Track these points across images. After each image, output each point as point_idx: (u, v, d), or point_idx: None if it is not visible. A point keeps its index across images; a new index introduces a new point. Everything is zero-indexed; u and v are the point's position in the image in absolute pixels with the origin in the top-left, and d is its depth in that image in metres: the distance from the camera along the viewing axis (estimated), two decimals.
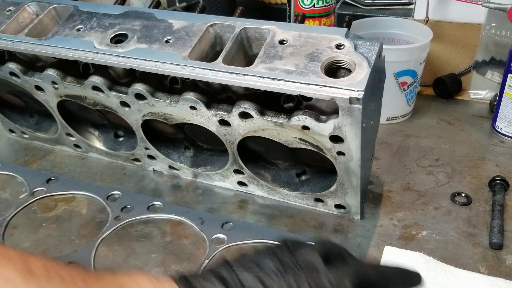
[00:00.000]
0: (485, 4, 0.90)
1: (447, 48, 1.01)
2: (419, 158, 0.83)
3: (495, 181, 0.73)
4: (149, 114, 0.70)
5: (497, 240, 0.63)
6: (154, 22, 0.65)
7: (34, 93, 0.77)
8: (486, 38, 0.96)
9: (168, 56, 0.60)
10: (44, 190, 0.77)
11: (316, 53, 0.55)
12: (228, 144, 0.68)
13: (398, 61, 0.86)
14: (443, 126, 0.92)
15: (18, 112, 0.90)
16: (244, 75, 0.56)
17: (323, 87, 0.52)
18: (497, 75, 0.97)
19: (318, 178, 0.71)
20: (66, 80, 0.71)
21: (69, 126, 0.81)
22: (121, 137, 0.85)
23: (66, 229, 0.70)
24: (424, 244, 0.64)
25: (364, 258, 0.63)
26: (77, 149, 0.87)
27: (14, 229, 0.70)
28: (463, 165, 0.80)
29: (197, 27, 0.63)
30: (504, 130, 0.87)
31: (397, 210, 0.71)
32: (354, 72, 0.52)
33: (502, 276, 0.59)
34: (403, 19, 0.98)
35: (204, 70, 0.58)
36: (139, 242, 0.67)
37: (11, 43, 0.69)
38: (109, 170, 0.82)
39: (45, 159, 0.87)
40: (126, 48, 0.63)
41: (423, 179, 0.77)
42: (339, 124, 0.55)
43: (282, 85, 0.54)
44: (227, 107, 0.63)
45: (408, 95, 0.91)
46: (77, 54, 0.65)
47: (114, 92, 0.68)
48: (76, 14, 0.70)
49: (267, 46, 0.58)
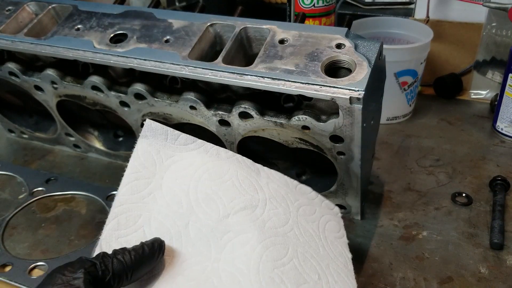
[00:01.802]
0: (485, 3, 0.90)
1: (448, 48, 1.01)
2: (420, 158, 0.82)
3: (496, 181, 0.73)
4: (148, 114, 0.69)
5: (498, 240, 0.63)
6: (153, 22, 0.65)
7: (34, 93, 0.77)
8: (487, 38, 0.96)
9: (168, 56, 0.60)
10: (44, 190, 0.77)
11: (316, 52, 0.55)
12: (228, 144, 0.67)
13: (399, 61, 0.85)
14: (444, 126, 0.92)
15: (17, 112, 0.90)
16: (244, 75, 0.56)
17: (323, 87, 0.52)
18: (497, 75, 0.97)
19: (318, 178, 0.71)
20: (65, 80, 0.71)
21: (68, 126, 0.81)
22: (121, 137, 0.84)
23: (65, 229, 0.70)
24: (424, 244, 0.64)
25: (364, 259, 0.63)
26: (77, 149, 0.86)
27: (14, 229, 0.70)
28: (463, 165, 0.80)
29: (197, 26, 0.63)
30: (505, 130, 0.87)
31: (397, 210, 0.71)
32: (355, 72, 0.52)
33: (503, 277, 0.59)
34: (403, 18, 0.98)
35: (204, 69, 0.58)
36: None
37: (10, 43, 0.68)
38: (109, 170, 0.82)
39: (44, 159, 0.87)
40: (125, 47, 0.63)
41: (423, 179, 0.77)
42: (339, 124, 0.55)
43: (282, 85, 0.54)
44: (227, 107, 0.62)
45: (409, 95, 0.91)
46: (77, 53, 0.64)
47: (114, 92, 0.68)
48: (76, 13, 0.69)
49: (267, 45, 0.58)
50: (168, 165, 0.55)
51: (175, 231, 0.50)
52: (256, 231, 0.50)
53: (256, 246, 0.49)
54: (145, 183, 0.53)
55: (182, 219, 0.51)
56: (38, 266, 0.63)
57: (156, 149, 0.55)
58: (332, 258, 0.52)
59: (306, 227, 0.54)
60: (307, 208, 0.56)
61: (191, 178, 0.54)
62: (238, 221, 0.51)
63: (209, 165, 0.55)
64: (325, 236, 0.54)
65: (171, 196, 0.53)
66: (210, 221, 0.51)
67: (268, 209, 0.53)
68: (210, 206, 0.52)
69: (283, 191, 0.56)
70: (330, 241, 0.54)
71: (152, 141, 0.56)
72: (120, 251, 0.45)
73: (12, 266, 0.63)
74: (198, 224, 0.51)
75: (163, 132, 0.56)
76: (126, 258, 0.44)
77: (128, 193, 0.52)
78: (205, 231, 0.51)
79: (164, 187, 0.53)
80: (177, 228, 0.51)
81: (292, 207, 0.55)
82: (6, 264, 0.63)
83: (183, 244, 0.50)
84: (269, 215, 0.53)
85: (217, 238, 0.50)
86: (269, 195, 0.54)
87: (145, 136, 0.56)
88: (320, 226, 0.55)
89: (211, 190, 0.53)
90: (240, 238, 0.50)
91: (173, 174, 0.54)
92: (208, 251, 0.49)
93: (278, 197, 0.55)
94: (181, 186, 0.53)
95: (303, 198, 0.57)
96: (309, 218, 0.55)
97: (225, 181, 0.54)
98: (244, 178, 0.55)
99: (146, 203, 0.52)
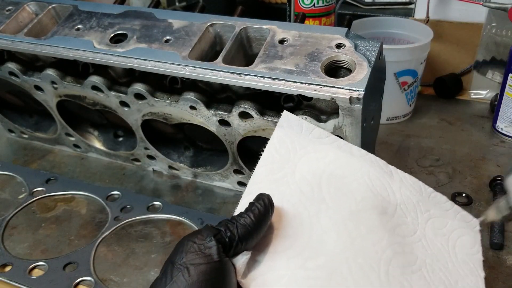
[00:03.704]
0: (485, 3, 0.90)
1: (448, 48, 1.01)
2: (420, 158, 0.82)
3: (496, 181, 0.73)
4: (148, 114, 0.69)
5: (498, 240, 0.63)
6: (153, 22, 0.65)
7: (34, 93, 0.77)
8: (487, 38, 0.96)
9: (168, 56, 0.60)
10: (44, 190, 0.77)
11: (316, 52, 0.55)
12: (228, 144, 0.67)
13: (399, 61, 0.85)
14: (444, 126, 0.92)
15: (18, 112, 0.90)
16: (244, 75, 0.56)
17: (323, 87, 0.52)
18: (497, 75, 0.97)
19: None
20: (65, 80, 0.71)
21: (68, 126, 0.81)
22: (121, 137, 0.84)
23: (65, 229, 0.70)
24: None
25: None
26: (77, 149, 0.86)
27: (14, 229, 0.70)
28: (463, 165, 0.80)
29: (197, 26, 0.63)
30: (505, 130, 0.87)
31: None
32: (355, 72, 0.52)
33: (503, 277, 0.59)
34: (403, 18, 0.98)
35: (204, 70, 0.58)
36: (139, 242, 0.66)
37: (10, 43, 0.68)
38: (109, 170, 0.82)
39: (44, 159, 0.87)
40: (125, 47, 0.63)
41: (423, 179, 0.76)
42: (340, 124, 0.55)
43: (282, 85, 0.54)
44: (227, 107, 0.62)
45: (409, 95, 0.91)
46: (77, 53, 0.64)
47: (114, 92, 0.68)
48: (76, 13, 0.69)
49: (267, 45, 0.58)
50: (302, 155, 0.54)
51: (306, 215, 0.50)
52: (386, 234, 0.49)
53: (386, 248, 0.48)
54: (279, 167, 0.53)
55: (313, 206, 0.50)
56: (38, 266, 0.63)
57: (291, 138, 0.55)
58: (462, 276, 0.50)
59: (434, 240, 0.52)
60: (437, 220, 0.54)
61: (324, 170, 0.53)
62: (370, 218, 0.50)
63: (342, 160, 0.54)
64: (455, 253, 0.52)
65: (304, 183, 0.52)
66: (341, 213, 0.50)
67: (398, 216, 0.52)
68: (342, 199, 0.51)
69: (415, 199, 0.54)
70: (461, 258, 0.52)
71: (287, 131, 0.55)
72: (240, 215, 0.46)
73: (12, 266, 0.63)
74: (329, 212, 0.50)
75: (299, 124, 0.56)
76: (248, 221, 0.45)
77: (263, 174, 0.53)
78: (335, 220, 0.50)
79: (297, 175, 0.53)
80: (308, 213, 0.50)
81: (421, 218, 0.53)
82: (6, 264, 0.63)
83: (314, 229, 0.49)
84: (398, 222, 0.51)
85: (348, 230, 0.49)
86: (400, 201, 0.53)
87: (281, 126, 0.56)
88: (450, 241, 0.53)
89: (343, 185, 0.52)
90: (371, 236, 0.49)
91: (306, 164, 0.54)
92: (337, 240, 0.48)
93: (409, 204, 0.53)
94: (314, 176, 0.53)
95: (435, 209, 0.54)
96: (438, 231, 0.53)
97: (357, 178, 0.53)
98: (376, 178, 0.54)
99: (280, 185, 0.52)
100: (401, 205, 0.53)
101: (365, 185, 0.53)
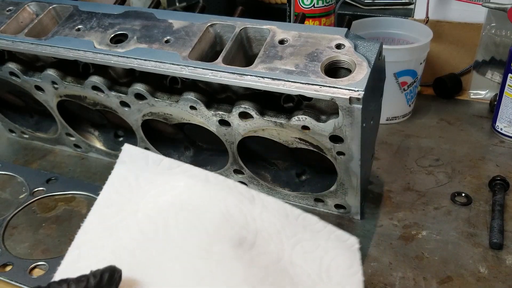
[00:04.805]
0: (485, 4, 0.90)
1: (447, 48, 1.01)
2: (419, 158, 0.83)
3: (495, 181, 0.73)
4: (149, 114, 0.70)
5: (497, 240, 0.63)
6: (154, 22, 0.65)
7: (34, 93, 0.77)
8: (486, 38, 0.96)
9: (168, 56, 0.60)
10: (44, 190, 0.77)
11: (316, 53, 0.55)
12: (228, 144, 0.68)
13: (398, 61, 0.86)
14: (443, 126, 0.92)
15: (18, 112, 0.90)
16: (244, 75, 0.56)
17: (323, 87, 0.52)
18: (497, 75, 0.97)
19: (318, 178, 0.71)
20: (66, 80, 0.71)
21: (69, 126, 0.81)
22: (121, 137, 0.85)
23: (66, 229, 0.70)
24: (424, 244, 0.64)
25: (364, 258, 0.63)
26: (77, 149, 0.87)
27: (14, 229, 0.70)
28: (463, 165, 0.80)
29: (197, 27, 0.63)
30: (504, 130, 0.87)
31: (397, 210, 0.71)
32: (354, 72, 0.52)
33: (502, 277, 0.59)
34: (403, 19, 0.98)
35: (204, 70, 0.58)
36: None
37: (11, 43, 0.69)
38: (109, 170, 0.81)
39: (45, 159, 0.87)
40: (126, 48, 0.63)
41: (423, 179, 0.77)
42: (339, 124, 0.55)
43: (282, 85, 0.54)
44: (227, 107, 0.63)
45: (408, 95, 0.91)
46: (77, 54, 0.65)
47: (114, 92, 0.68)
48: (76, 14, 0.70)
49: (267, 46, 0.58)
50: (147, 191, 0.50)
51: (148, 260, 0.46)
52: (241, 268, 0.45)
53: (240, 284, 0.45)
54: (117, 211, 0.49)
55: (156, 248, 0.47)
56: (39, 266, 0.63)
57: (135, 174, 0.51)
58: None
59: (303, 266, 0.48)
60: (307, 244, 0.49)
61: (173, 203, 0.49)
62: (222, 252, 0.46)
63: (194, 190, 0.50)
64: (328, 276, 0.48)
65: (147, 222, 0.48)
66: (189, 250, 0.47)
67: (259, 245, 0.48)
68: (192, 233, 0.47)
69: (279, 224, 0.49)
70: (336, 280, 0.48)
71: (130, 167, 0.52)
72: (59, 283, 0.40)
73: (13, 266, 0.63)
74: (176, 252, 0.46)
75: (144, 157, 0.52)
76: None
77: (95, 221, 0.49)
78: (182, 259, 0.46)
79: (140, 214, 0.49)
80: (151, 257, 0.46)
81: (287, 243, 0.49)
82: (6, 264, 0.63)
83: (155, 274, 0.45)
84: (259, 251, 0.47)
85: (195, 268, 0.45)
86: (261, 227, 0.49)
87: (123, 162, 0.52)
88: (324, 264, 0.48)
89: (195, 217, 0.48)
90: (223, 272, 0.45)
91: (153, 200, 0.50)
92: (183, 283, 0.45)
93: (271, 231, 0.49)
94: (160, 213, 0.49)
95: (304, 232, 0.50)
96: (308, 256, 0.49)
97: (211, 208, 0.49)
98: (234, 206, 0.49)
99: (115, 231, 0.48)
100: (262, 232, 0.49)
101: (220, 215, 0.49)
